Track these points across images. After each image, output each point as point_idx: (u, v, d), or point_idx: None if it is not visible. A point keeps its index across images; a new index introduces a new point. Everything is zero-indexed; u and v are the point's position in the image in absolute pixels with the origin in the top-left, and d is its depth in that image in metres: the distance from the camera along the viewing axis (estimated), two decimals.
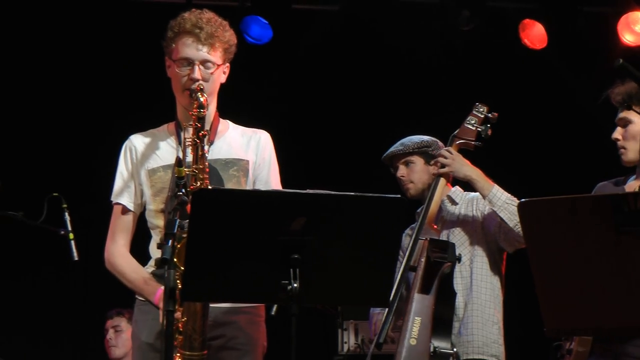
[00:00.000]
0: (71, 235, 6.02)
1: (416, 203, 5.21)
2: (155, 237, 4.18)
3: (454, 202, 5.17)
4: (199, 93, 3.97)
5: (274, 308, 4.63)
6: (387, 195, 3.36)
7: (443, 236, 5.05)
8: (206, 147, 3.97)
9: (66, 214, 6.06)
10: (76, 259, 5.95)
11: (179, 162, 3.73)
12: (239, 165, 4.19)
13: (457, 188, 5.21)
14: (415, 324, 4.79)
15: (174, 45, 4.15)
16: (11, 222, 6.00)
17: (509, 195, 4.90)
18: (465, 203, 5.14)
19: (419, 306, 4.83)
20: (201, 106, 3.94)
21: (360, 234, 3.37)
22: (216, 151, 4.14)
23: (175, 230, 3.41)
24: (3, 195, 4.41)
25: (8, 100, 7.60)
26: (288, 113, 7.97)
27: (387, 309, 4.86)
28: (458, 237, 5.06)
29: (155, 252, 4.18)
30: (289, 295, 3.28)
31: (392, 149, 5.28)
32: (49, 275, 7.70)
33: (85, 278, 7.06)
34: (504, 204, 4.87)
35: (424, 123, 5.66)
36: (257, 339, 4.16)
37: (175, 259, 3.47)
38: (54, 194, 6.06)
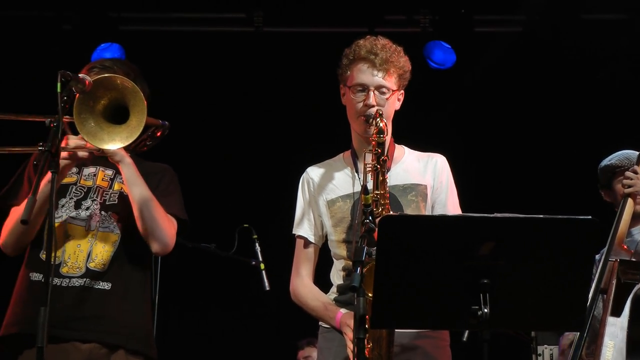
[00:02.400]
0: (262, 266, 6.13)
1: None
2: (338, 266, 4.19)
3: None
4: (379, 118, 3.97)
5: (465, 334, 4.58)
6: (578, 217, 3.28)
7: None
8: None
9: (257, 244, 6.18)
10: (267, 288, 6.05)
11: (366, 190, 3.72)
12: (417, 191, 4.16)
13: None
14: (609, 348, 4.66)
15: (349, 72, 4.17)
16: (204, 254, 6.16)
17: None
18: None
19: (612, 329, 4.69)
20: (381, 131, 3.94)
21: (551, 257, 3.30)
22: (394, 177, 4.11)
23: (364, 258, 3.40)
24: (196, 228, 4.52)
25: (199, 138, 7.82)
26: (470, 135, 7.92)
27: (578, 333, 4.75)
28: None
29: (336, 279, 4.20)
30: (479, 321, 3.23)
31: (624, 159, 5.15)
32: (241, 305, 7.83)
33: (277, 308, 7.14)
34: None
35: (610, 143, 5.51)
36: None
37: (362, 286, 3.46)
38: (245, 225, 6.19)
